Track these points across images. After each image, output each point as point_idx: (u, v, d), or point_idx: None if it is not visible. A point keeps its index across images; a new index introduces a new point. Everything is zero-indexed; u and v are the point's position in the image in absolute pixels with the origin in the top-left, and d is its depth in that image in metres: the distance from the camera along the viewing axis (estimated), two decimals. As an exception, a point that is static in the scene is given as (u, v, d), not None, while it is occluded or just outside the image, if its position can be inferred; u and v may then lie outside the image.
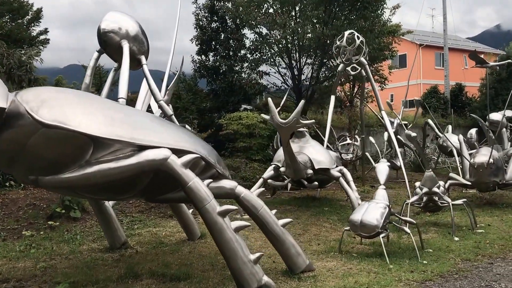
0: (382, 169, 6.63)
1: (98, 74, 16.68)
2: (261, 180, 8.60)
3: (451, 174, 10.58)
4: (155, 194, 5.19)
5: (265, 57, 18.28)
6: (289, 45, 17.75)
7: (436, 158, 18.87)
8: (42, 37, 15.22)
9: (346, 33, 11.68)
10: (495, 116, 16.20)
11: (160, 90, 15.17)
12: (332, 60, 16.93)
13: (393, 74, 38.51)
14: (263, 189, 5.61)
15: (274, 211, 5.41)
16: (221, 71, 18.77)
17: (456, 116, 27.60)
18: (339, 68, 12.03)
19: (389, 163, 6.77)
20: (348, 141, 14.51)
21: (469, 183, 9.80)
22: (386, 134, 14.90)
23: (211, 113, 18.50)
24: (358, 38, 11.61)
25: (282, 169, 8.36)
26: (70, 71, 15.61)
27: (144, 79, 15.98)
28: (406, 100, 36.57)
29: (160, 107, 10.32)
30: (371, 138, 15.44)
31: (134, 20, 9.68)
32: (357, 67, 12.02)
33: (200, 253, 6.40)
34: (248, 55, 19.19)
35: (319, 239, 7.07)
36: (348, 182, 8.93)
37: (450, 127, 17.41)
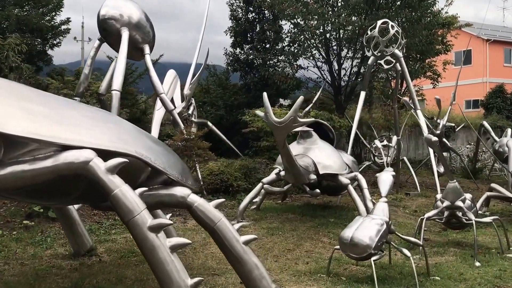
0: (385, 178, 5.60)
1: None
2: (259, 185, 7.77)
3: (493, 185, 9.20)
4: (98, 200, 4.54)
5: (302, 50, 17.25)
6: (327, 36, 16.64)
7: (491, 165, 17.07)
8: (64, 27, 15.09)
9: (379, 22, 10.53)
10: None
11: (185, 83, 14.76)
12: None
13: (456, 71, 36.11)
14: (223, 199, 4.78)
15: (237, 225, 4.58)
16: (255, 65, 18.01)
17: (522, 118, 25.14)
18: (370, 61, 10.91)
19: (393, 173, 5.71)
20: (385, 142, 13.24)
21: (511, 196, 8.44)
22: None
23: (241, 108, 17.80)
24: (393, 27, 10.43)
25: (282, 173, 7.48)
26: (99, 64, 15.46)
27: (169, 72, 15.63)
28: (470, 100, 34.08)
29: (161, 100, 9.81)
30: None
31: (137, 6, 9.09)
32: (392, 60, 10.84)
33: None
34: (286, 48, 18.28)
35: (311, 256, 6.13)
36: (362, 190, 7.93)
37: (509, 130, 15.64)
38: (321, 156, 7.55)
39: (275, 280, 5.19)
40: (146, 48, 9.73)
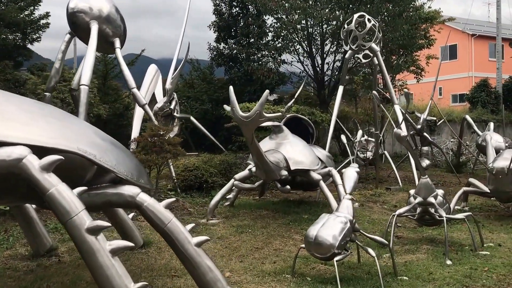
0: (350, 175, 5.39)
1: (103, 62, 16.16)
2: (232, 181, 7.54)
3: (471, 179, 9.08)
4: (42, 199, 4.28)
5: (285, 45, 17.02)
6: (310, 31, 16.45)
7: (475, 159, 16.99)
8: (43, 21, 14.72)
9: (356, 15, 10.35)
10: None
11: (167, 78, 14.48)
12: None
13: (442, 66, 36.09)
14: (174, 199, 4.54)
15: (189, 226, 4.36)
16: (239, 59, 17.78)
17: (509, 113, 25.16)
18: (347, 55, 10.74)
19: (358, 169, 5.51)
20: (365, 137, 13.09)
21: (488, 191, 8.30)
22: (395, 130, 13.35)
23: (226, 103, 17.56)
24: (370, 21, 10.24)
25: (253, 169, 7.26)
26: (129, 60, 15.14)
27: (150, 67, 15.34)
28: (456, 94, 34.12)
29: (132, 95, 9.57)
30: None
31: (107, -1, 8.87)
32: (370, 54, 10.67)
33: (127, 269, 5.43)
34: (270, 43, 18.06)
35: (279, 255, 5.93)
36: (336, 186, 7.74)
37: (491, 124, 15.52)
38: (293, 151, 7.35)
39: (236, 282, 4.99)
40: (117, 42, 9.49)
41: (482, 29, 35.55)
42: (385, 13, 15.12)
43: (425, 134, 13.45)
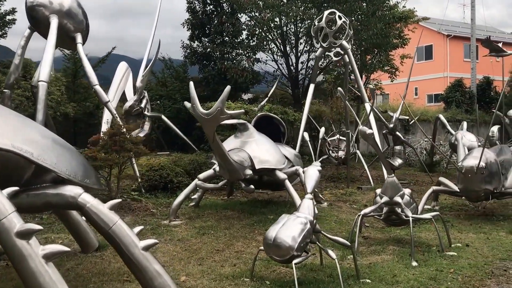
0: (311, 173, 5.18)
1: (73, 59, 15.72)
2: (195, 181, 7.27)
3: (441, 179, 9.00)
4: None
5: (259, 43, 16.82)
6: (284, 29, 16.29)
7: (448, 158, 17.04)
8: (9, 17, 14.21)
9: (326, 12, 10.19)
10: (516, 112, 14.40)
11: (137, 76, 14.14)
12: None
13: (418, 66, 36.33)
14: (119, 200, 4.26)
15: (137, 229, 4.07)
16: (212, 57, 17.50)
17: (483, 112, 25.41)
18: (318, 52, 10.59)
19: (320, 168, 5.31)
20: (337, 136, 12.96)
21: (458, 190, 8.21)
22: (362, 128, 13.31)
23: (200, 102, 17.22)
24: (340, 18, 10.10)
25: (217, 168, 7.01)
26: (111, 60, 14.79)
27: (120, 65, 14.93)
28: (431, 94, 34.40)
29: (95, 92, 9.22)
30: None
31: (69, -7, 8.51)
32: (341, 52, 10.52)
33: (78, 273, 5.15)
34: (245, 41, 17.83)
35: (240, 257, 5.70)
36: (303, 185, 7.54)
37: (465, 123, 15.61)
38: (258, 150, 7.12)
39: (192, 287, 4.74)
40: (79, 37, 9.11)
41: (457, 30, 35.93)
42: (359, 12, 15.05)
43: (397, 133, 13.38)
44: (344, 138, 12.47)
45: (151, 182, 8.68)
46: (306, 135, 6.95)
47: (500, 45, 13.91)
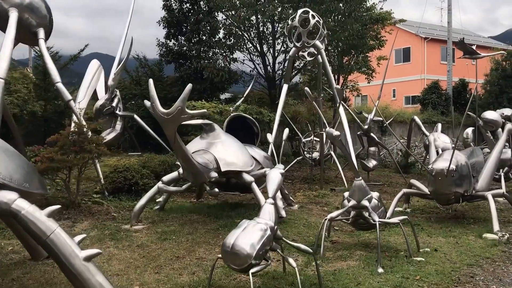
0: (273, 177, 4.96)
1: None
2: (158, 184, 6.97)
3: (412, 181, 8.88)
4: None
5: (235, 43, 16.59)
6: (261, 29, 16.10)
7: (423, 160, 17.06)
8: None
9: (300, 11, 10.01)
10: (490, 114, 14.40)
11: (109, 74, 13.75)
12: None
13: (396, 68, 36.57)
14: (59, 206, 3.97)
15: (78, 237, 3.80)
16: (188, 56, 17.19)
17: (458, 114, 25.62)
18: (291, 52, 10.39)
19: (283, 171, 5.10)
20: (312, 137, 12.80)
21: (428, 193, 8.11)
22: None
23: (175, 101, 16.92)
24: (313, 17, 9.92)
25: (181, 170, 6.74)
26: (93, 59, 14.42)
27: (92, 63, 14.50)
28: (409, 96, 34.64)
29: (56, 89, 8.90)
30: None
31: (30, -14, 8.16)
32: (315, 52, 10.35)
33: (24, 283, 4.83)
34: (222, 40, 17.56)
35: (201, 265, 5.44)
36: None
37: (439, 125, 15.61)
38: (224, 151, 6.87)
39: (144, 297, 4.47)
40: (41, 33, 8.75)
41: (435, 32, 36.32)
42: (336, 12, 14.95)
43: (372, 134, 13.30)
44: (316, 139, 12.31)
45: (115, 184, 8.36)
46: (269, 136, 6.73)
47: (474, 47, 13.95)
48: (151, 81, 5.69)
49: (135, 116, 13.93)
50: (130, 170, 8.49)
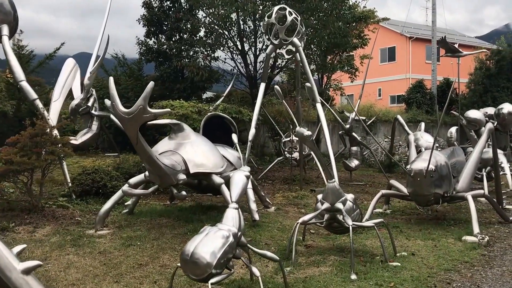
0: (237, 180, 4.66)
1: (17, 55, 14.74)
2: (126, 186, 6.62)
3: (392, 181, 8.66)
4: None
5: (216, 41, 16.23)
6: (242, 27, 15.78)
7: (407, 159, 16.89)
8: None
9: (276, 7, 9.70)
10: (473, 113, 14.27)
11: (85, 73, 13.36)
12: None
13: (381, 67, 36.53)
14: None
15: (17, 248, 3.45)
16: (168, 55, 16.81)
17: (443, 113, 25.59)
18: (268, 50, 10.07)
19: (248, 173, 4.80)
20: (292, 137, 12.54)
21: (407, 194, 7.88)
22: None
23: (155, 101, 16.58)
24: (291, 14, 9.62)
25: (147, 172, 6.40)
26: (81, 59, 14.01)
27: (67, 61, 14.08)
28: (394, 95, 34.59)
29: (20, 88, 8.57)
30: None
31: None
32: (293, 49, 10.05)
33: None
34: (204, 39, 17.21)
35: (164, 273, 5.12)
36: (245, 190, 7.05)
37: (423, 124, 15.48)
38: (193, 152, 6.55)
39: (97, 310, 4.14)
40: (4, 29, 8.43)
41: (420, 32, 36.31)
42: (318, 10, 14.68)
43: (353, 134, 13.07)
44: (294, 139, 12.05)
45: (83, 186, 7.99)
46: (234, 137, 6.43)
47: (456, 45, 13.79)
48: (111, 79, 5.41)
49: (112, 116, 13.56)
50: (99, 172, 8.13)
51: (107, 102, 5.71)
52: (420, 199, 7.59)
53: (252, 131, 6.73)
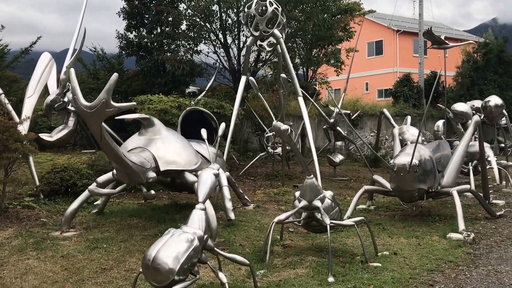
0: (205, 178, 4.32)
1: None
2: (93, 185, 6.24)
3: (375, 177, 8.39)
4: None
5: (199, 34, 15.82)
6: (224, 19, 15.41)
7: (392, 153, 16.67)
8: None
9: (256, -3, 9.37)
10: (460, 106, 14.05)
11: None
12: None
13: (369, 61, 36.33)
14: None
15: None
16: (149, 49, 16.37)
17: (430, 107, 25.45)
18: (248, 42, 9.75)
19: (217, 172, 4.47)
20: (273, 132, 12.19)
21: (390, 189, 7.61)
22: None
23: (136, 95, 16.13)
24: (271, 4, 9.30)
25: (115, 170, 6.03)
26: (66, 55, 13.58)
27: (42, 55, 13.62)
28: (382, 89, 34.42)
29: None
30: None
31: None
32: (275, 41, 9.74)
33: None
34: (186, 32, 16.78)
35: (129, 278, 4.76)
36: (220, 188, 6.74)
37: (409, 118, 15.25)
38: (164, 149, 6.18)
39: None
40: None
41: (407, 25, 36.14)
42: (302, 2, 14.36)
43: (338, 128, 12.78)
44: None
45: (51, 185, 7.59)
46: (203, 132, 6.09)
47: (442, 37, 13.54)
48: (72, 70, 5.04)
49: (70, 107, 13.14)
50: (68, 170, 7.73)
51: (69, 95, 5.35)
52: (404, 195, 7.32)
53: (222, 126, 6.37)
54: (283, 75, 8.22)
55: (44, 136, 11.02)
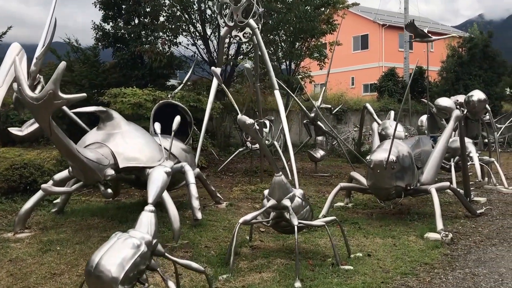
0: (155, 178, 3.96)
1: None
2: (48, 183, 5.83)
3: (353, 173, 8.08)
4: None
5: (177, 25, 15.38)
6: (204, 10, 14.99)
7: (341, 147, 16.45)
8: None
9: (231, -15, 8.97)
10: (443, 101, 13.79)
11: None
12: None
13: (354, 56, 36.08)
14: None
15: None
16: (126, 40, 15.87)
17: (415, 102, 25.29)
18: (222, 32, 9.36)
19: (169, 169, 4.10)
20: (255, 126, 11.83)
21: (367, 187, 7.30)
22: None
23: (109, 88, 15.63)
24: (246, -8, 8.90)
25: (70, 169, 5.63)
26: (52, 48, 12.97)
27: (12, 46, 13.10)
28: (367, 84, 34.22)
29: None
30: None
31: None
32: (250, 32, 9.35)
33: None
34: (165, 24, 16.30)
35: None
36: (187, 186, 6.38)
37: (392, 113, 14.94)
38: (124, 144, 5.79)
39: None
40: None
41: (393, 19, 35.95)
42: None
43: (319, 123, 12.47)
44: (266, 129, 11.39)
45: (9, 183, 7.15)
46: (157, 126, 5.73)
47: (425, 30, 13.27)
48: (17, 58, 4.66)
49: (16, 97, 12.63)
50: (29, 167, 7.30)
51: (14, 86, 4.94)
52: (381, 192, 7.02)
53: (177, 119, 5.97)
54: (246, 65, 7.86)
55: (14, 130, 10.53)
